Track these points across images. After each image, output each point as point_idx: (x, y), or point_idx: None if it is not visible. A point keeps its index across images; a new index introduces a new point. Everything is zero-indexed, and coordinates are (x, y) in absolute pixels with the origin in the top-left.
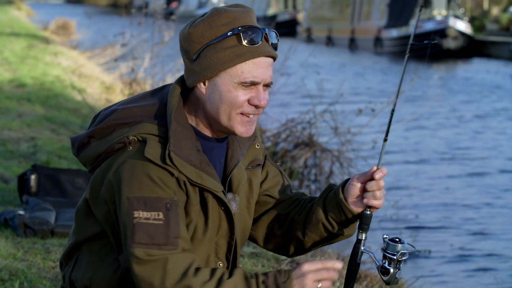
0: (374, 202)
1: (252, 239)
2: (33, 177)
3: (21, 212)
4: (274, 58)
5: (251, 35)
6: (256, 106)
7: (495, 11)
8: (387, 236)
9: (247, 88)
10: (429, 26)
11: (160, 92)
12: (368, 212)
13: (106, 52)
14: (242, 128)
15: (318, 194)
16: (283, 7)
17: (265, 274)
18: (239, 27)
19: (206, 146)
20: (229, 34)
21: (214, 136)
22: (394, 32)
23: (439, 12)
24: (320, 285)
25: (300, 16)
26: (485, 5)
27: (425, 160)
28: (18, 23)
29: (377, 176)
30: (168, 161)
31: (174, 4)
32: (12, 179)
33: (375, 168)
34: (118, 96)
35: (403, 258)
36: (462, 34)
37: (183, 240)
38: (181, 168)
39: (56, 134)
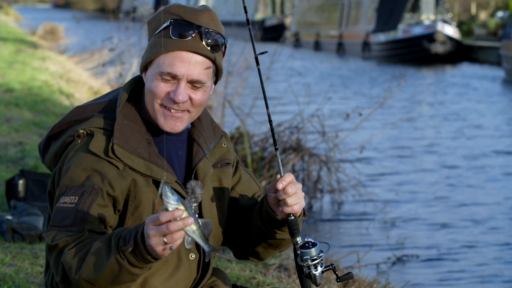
0: (288, 209)
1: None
2: (21, 182)
3: (9, 217)
4: (209, 58)
5: (179, 28)
6: (174, 101)
7: (482, 15)
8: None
9: (168, 82)
10: (417, 30)
11: (117, 90)
12: (292, 218)
13: (94, 57)
14: (165, 122)
15: (306, 198)
16: (271, 12)
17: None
18: (172, 19)
19: (158, 139)
20: (164, 26)
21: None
22: (382, 37)
23: (427, 16)
24: (166, 240)
25: (288, 21)
26: (473, 9)
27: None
28: (6, 28)
29: (279, 186)
30: (111, 153)
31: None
32: (0, 184)
33: (278, 177)
34: None
35: (314, 262)
36: (450, 38)
37: (91, 224)
38: (127, 161)
39: None
